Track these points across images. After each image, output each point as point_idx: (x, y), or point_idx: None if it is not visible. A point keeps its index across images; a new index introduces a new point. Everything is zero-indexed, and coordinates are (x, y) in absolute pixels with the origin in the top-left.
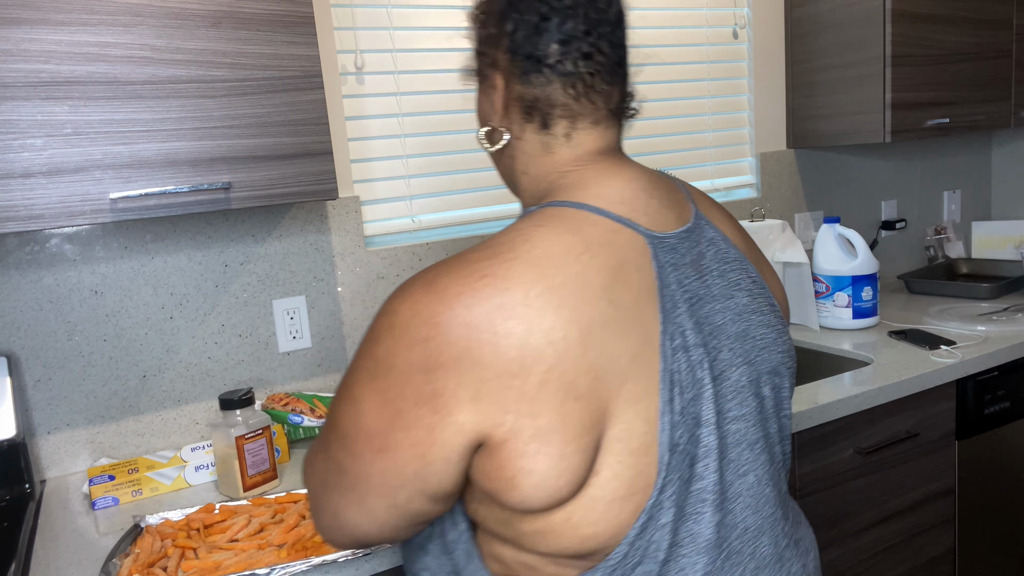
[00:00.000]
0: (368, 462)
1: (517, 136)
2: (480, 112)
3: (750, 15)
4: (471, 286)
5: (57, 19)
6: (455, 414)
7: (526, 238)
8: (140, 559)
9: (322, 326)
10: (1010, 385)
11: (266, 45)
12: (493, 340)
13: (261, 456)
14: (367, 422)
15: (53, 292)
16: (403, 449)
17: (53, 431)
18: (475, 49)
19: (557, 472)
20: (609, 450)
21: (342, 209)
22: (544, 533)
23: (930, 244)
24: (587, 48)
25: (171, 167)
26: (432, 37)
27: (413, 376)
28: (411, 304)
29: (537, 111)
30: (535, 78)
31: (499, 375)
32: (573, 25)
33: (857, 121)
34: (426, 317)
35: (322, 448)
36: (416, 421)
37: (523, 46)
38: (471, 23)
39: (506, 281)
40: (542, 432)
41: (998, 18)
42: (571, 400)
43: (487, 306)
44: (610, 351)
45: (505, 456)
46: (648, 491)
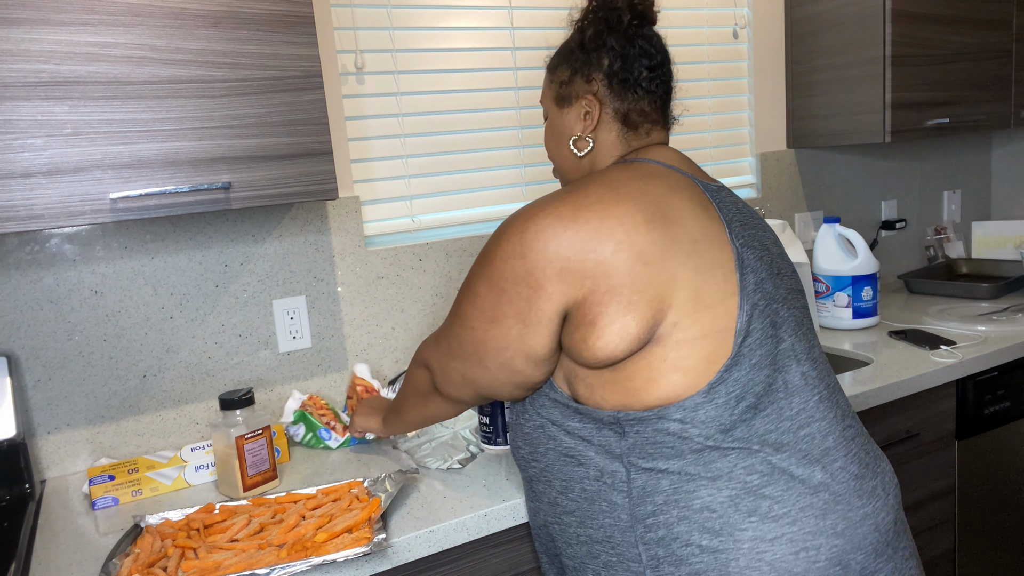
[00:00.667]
0: (483, 331)
1: (606, 141)
2: (559, 127)
3: (750, 15)
4: (555, 197)
5: (57, 19)
6: (545, 287)
7: (600, 174)
8: (140, 559)
9: (322, 326)
10: (1010, 385)
11: (266, 45)
12: (573, 227)
13: (261, 456)
14: (480, 302)
15: (53, 292)
16: (509, 318)
17: (53, 431)
18: (562, 80)
19: (623, 322)
20: (679, 307)
21: (342, 209)
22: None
23: (930, 244)
24: (663, 71)
25: (171, 167)
26: (432, 37)
27: (511, 261)
28: (512, 217)
29: (630, 119)
30: (630, 95)
31: (578, 251)
32: (650, 60)
33: (857, 121)
34: (523, 219)
35: (444, 333)
36: (516, 296)
37: (619, 74)
38: (560, 61)
39: (583, 191)
40: (614, 288)
41: (998, 18)
42: (640, 263)
43: (568, 206)
44: (672, 235)
45: (582, 313)
46: (730, 334)
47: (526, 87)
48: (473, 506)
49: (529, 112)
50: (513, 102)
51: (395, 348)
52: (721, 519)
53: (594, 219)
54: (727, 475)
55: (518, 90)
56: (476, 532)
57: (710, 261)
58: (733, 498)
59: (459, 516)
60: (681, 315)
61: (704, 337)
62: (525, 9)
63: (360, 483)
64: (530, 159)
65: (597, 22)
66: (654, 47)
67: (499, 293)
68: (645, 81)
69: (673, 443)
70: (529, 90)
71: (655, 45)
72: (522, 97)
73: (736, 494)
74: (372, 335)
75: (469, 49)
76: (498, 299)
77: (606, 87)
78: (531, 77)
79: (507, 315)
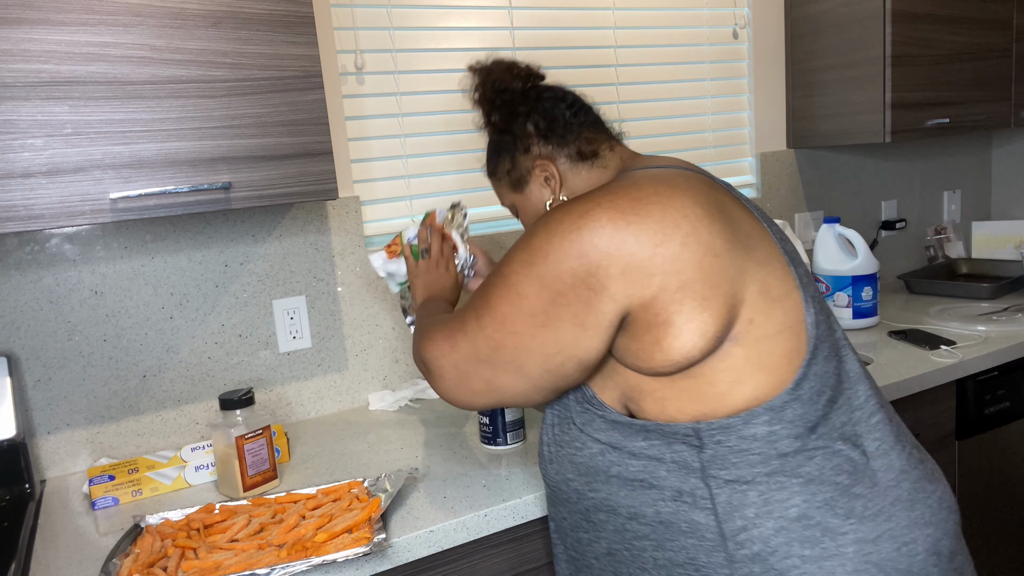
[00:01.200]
0: (530, 336)
1: (579, 188)
2: (532, 206)
3: (750, 15)
4: (605, 192)
5: (57, 19)
6: (608, 287)
7: (634, 173)
8: (140, 559)
9: (322, 326)
10: (1010, 385)
11: (266, 45)
12: (635, 221)
13: (261, 456)
14: (527, 304)
15: (53, 292)
16: (564, 321)
17: (53, 431)
18: (507, 170)
19: (700, 320)
20: (752, 303)
21: (342, 209)
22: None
23: (930, 244)
24: (582, 102)
25: (171, 167)
26: (432, 37)
27: (568, 261)
28: (560, 208)
29: (584, 153)
30: (570, 136)
31: (644, 247)
32: (565, 101)
33: (857, 121)
34: (576, 214)
35: (468, 335)
36: (575, 298)
37: (548, 126)
38: (494, 159)
39: (634, 185)
40: (687, 284)
41: (998, 18)
42: (710, 256)
43: (624, 199)
44: (732, 227)
45: (653, 313)
46: (802, 328)
47: None
48: (473, 506)
49: None
50: None
51: (395, 348)
52: (820, 526)
53: (655, 211)
54: (818, 478)
55: None
56: (476, 532)
57: (766, 254)
58: (828, 501)
59: (459, 516)
60: (754, 311)
61: (780, 332)
62: (525, 9)
63: (360, 483)
64: None
65: (498, 108)
66: (558, 90)
67: (554, 295)
68: (573, 117)
69: (760, 448)
70: None
71: (557, 89)
72: None
73: (831, 497)
74: (372, 335)
75: (469, 49)
76: (552, 301)
77: (544, 144)
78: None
79: (562, 318)
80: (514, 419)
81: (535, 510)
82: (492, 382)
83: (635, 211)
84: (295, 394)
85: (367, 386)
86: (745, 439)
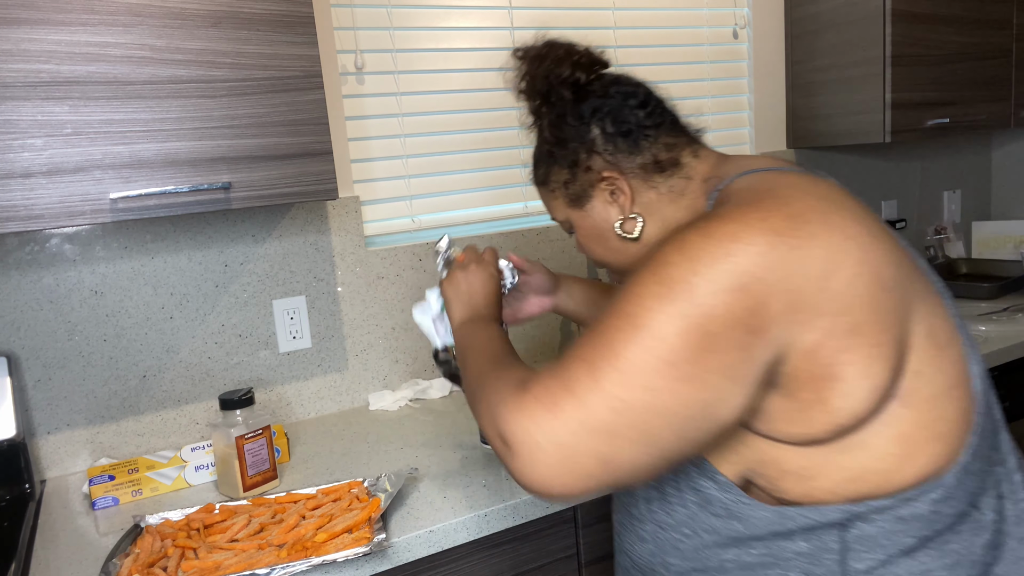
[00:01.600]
0: (669, 394)
1: (654, 203)
2: (595, 226)
3: (750, 15)
4: (751, 207)
5: (57, 19)
6: (771, 329)
7: (763, 180)
8: (140, 559)
9: (322, 326)
10: (1010, 385)
11: (266, 45)
12: (798, 245)
13: (261, 456)
14: (670, 352)
15: (53, 292)
16: (713, 374)
17: (53, 431)
18: (564, 181)
19: (872, 372)
20: (920, 350)
21: (342, 209)
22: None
23: (930, 244)
24: (655, 98)
25: (171, 167)
26: (432, 37)
27: (725, 296)
28: (693, 229)
29: (662, 164)
30: (644, 143)
31: (812, 279)
32: (636, 98)
33: (857, 121)
34: (721, 236)
35: (576, 391)
36: (731, 343)
37: (616, 130)
38: (545, 168)
39: (781, 198)
40: (858, 326)
41: (998, 18)
42: (882, 291)
43: (780, 217)
44: (893, 249)
45: (818, 363)
46: (968, 382)
47: None
48: (473, 506)
49: None
50: (513, 102)
51: (395, 348)
52: None
53: (820, 233)
54: (965, 557)
55: None
56: (476, 532)
57: (924, 286)
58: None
59: (459, 516)
60: (923, 361)
61: (952, 389)
62: (525, 9)
63: (360, 483)
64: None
65: (553, 105)
66: (628, 83)
67: (704, 339)
68: (647, 119)
69: (917, 530)
70: None
71: (627, 81)
72: None
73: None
74: (372, 335)
75: (469, 49)
76: (701, 348)
77: (613, 153)
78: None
79: (711, 370)
80: None
81: (535, 510)
82: (610, 459)
83: (795, 233)
84: (295, 394)
85: (367, 386)
86: (903, 519)
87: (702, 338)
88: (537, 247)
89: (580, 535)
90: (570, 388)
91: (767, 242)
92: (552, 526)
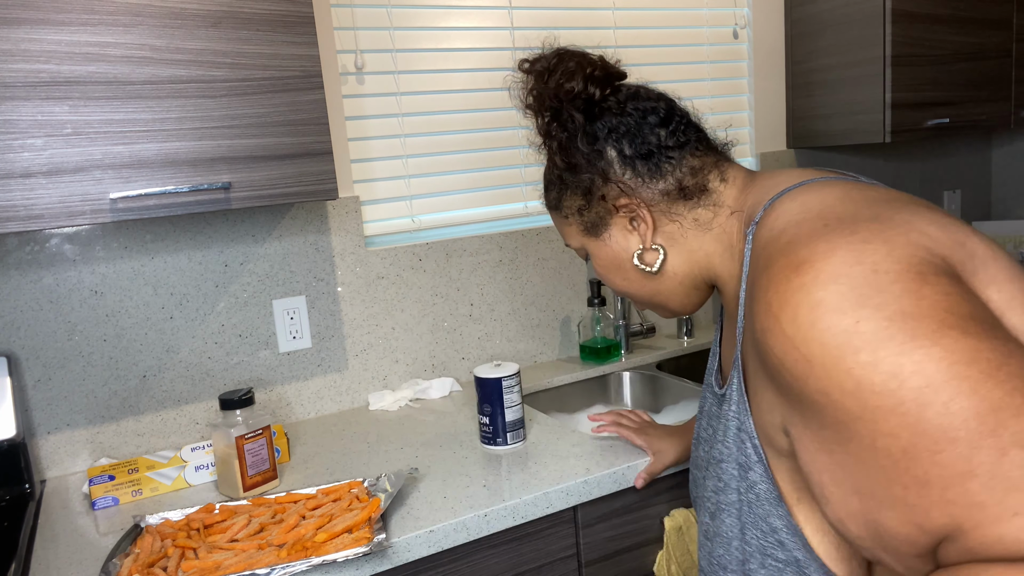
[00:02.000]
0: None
1: (677, 233)
2: (612, 255)
3: (750, 15)
4: (904, 209)
5: (57, 19)
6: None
7: (817, 200)
8: (140, 559)
9: (322, 326)
10: None
11: (266, 45)
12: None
13: (261, 456)
14: (965, 407)
15: (53, 292)
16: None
17: (53, 431)
18: (578, 208)
19: None
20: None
21: (342, 209)
22: None
23: None
24: (678, 113)
25: (171, 167)
26: (432, 37)
27: (968, 303)
28: (881, 245)
29: (687, 189)
30: (666, 166)
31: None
32: (656, 114)
33: (857, 121)
34: (911, 247)
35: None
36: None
37: (638, 153)
38: (557, 192)
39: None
40: None
41: (998, 18)
42: None
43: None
44: None
45: None
46: None
47: None
48: (473, 506)
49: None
50: (513, 102)
51: (395, 348)
52: None
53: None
54: None
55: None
56: (476, 532)
57: None
58: None
59: (459, 516)
60: None
61: None
62: (525, 9)
63: (360, 483)
64: (530, 159)
65: (564, 124)
66: (647, 98)
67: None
68: (670, 138)
69: None
70: None
71: (646, 95)
72: None
73: None
74: (372, 335)
75: (469, 49)
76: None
77: (633, 178)
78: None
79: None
80: (514, 419)
81: (535, 510)
82: None
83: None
84: (295, 394)
85: (367, 386)
86: None
87: (998, 365)
88: (537, 247)
89: (580, 535)
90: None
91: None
92: (552, 526)
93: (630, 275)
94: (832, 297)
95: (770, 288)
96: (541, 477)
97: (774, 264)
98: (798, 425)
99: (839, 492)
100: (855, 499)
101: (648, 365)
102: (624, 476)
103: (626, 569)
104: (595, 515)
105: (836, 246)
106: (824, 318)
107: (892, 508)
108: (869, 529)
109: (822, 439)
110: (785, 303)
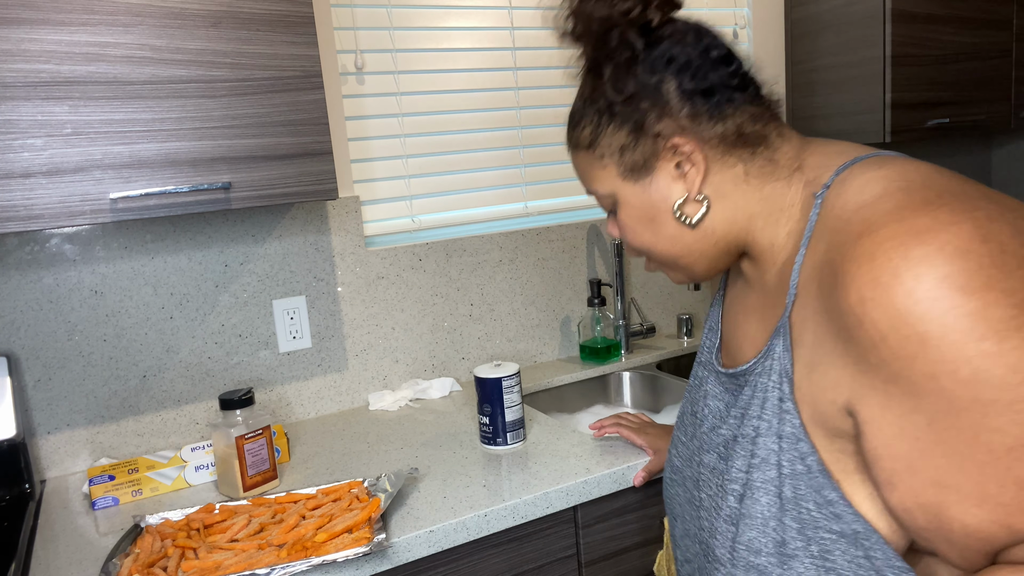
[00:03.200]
0: None
1: (728, 185)
2: (648, 204)
3: (750, 15)
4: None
5: (57, 19)
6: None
7: (929, 168)
8: (140, 559)
9: (322, 326)
10: None
11: (266, 45)
12: None
13: (261, 456)
14: None
15: (53, 292)
16: None
17: (53, 431)
18: (621, 146)
19: None
20: None
21: (342, 209)
22: None
23: None
24: (739, 57)
25: (171, 167)
26: (432, 37)
27: None
28: (1006, 225)
29: (750, 136)
30: (728, 108)
31: None
32: (719, 50)
33: (857, 121)
34: (989, 219)
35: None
36: None
37: (695, 91)
38: (595, 126)
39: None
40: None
41: (998, 18)
42: None
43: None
44: None
45: None
46: None
47: (526, 87)
48: (473, 506)
49: (529, 112)
50: (513, 102)
51: (395, 348)
52: None
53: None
54: None
55: (518, 90)
56: (476, 532)
57: None
58: None
59: (459, 516)
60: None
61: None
62: (525, 9)
63: (360, 483)
64: (530, 159)
65: (613, 52)
66: (708, 31)
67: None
68: (732, 79)
69: None
70: (529, 90)
71: (706, 29)
72: (522, 97)
73: None
74: (372, 335)
75: (469, 49)
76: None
77: (690, 116)
78: (531, 77)
79: None
80: (514, 419)
81: (535, 510)
82: None
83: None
84: (295, 394)
85: (367, 386)
86: None
87: None
88: (537, 247)
89: (580, 535)
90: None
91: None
92: (552, 526)
93: (663, 229)
94: (960, 274)
95: (878, 255)
96: (541, 477)
97: (880, 230)
98: (875, 407)
99: (913, 481)
100: (932, 490)
101: (648, 365)
102: (624, 476)
103: (626, 569)
104: (595, 515)
105: (961, 219)
106: (950, 296)
107: (979, 505)
108: (939, 522)
109: (910, 424)
110: (901, 272)
